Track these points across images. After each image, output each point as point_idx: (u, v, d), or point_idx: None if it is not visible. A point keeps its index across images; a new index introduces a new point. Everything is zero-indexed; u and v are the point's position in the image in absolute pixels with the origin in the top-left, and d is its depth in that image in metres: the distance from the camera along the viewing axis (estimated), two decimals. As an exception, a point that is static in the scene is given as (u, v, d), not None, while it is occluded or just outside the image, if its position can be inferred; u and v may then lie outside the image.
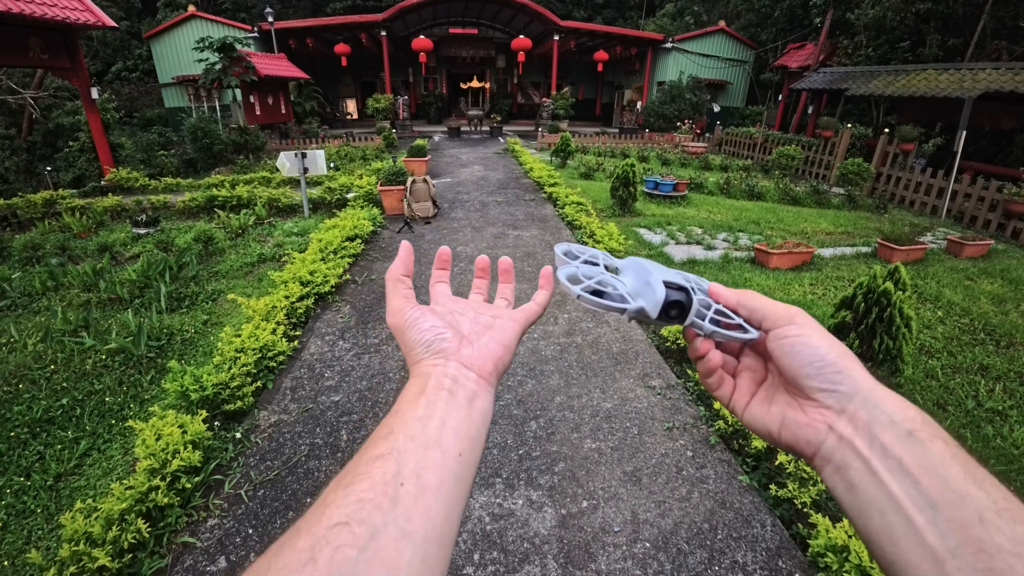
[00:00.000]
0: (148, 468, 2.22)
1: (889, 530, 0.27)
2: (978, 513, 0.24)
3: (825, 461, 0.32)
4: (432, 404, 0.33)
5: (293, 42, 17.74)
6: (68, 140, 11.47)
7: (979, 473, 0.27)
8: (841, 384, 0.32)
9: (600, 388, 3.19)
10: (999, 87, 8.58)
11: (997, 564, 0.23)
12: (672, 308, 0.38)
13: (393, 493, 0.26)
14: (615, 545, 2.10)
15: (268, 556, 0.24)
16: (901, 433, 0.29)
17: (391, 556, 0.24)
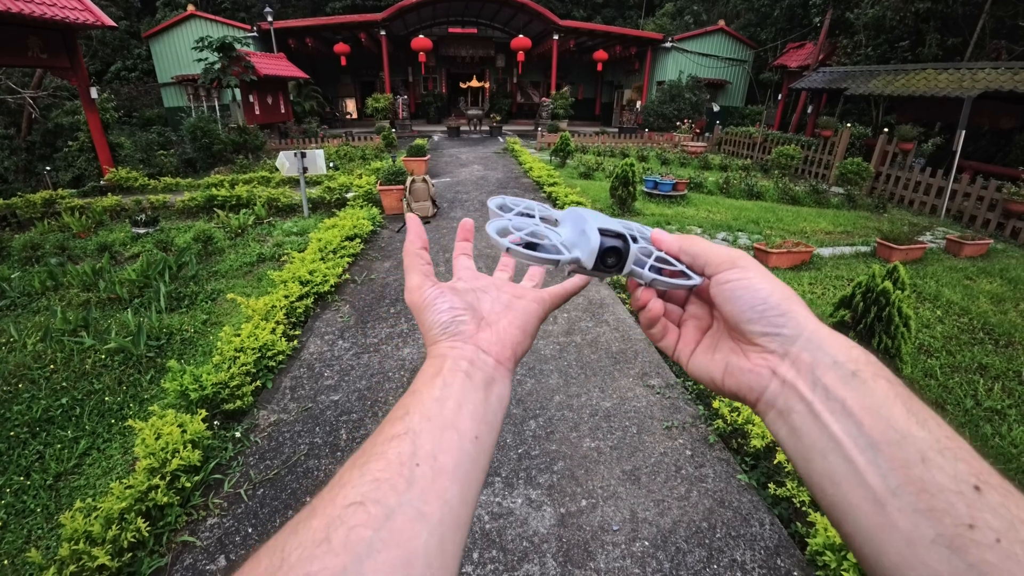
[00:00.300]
0: (148, 467, 2.23)
1: (830, 472, 0.27)
2: (920, 452, 0.24)
3: (768, 406, 0.31)
4: (449, 386, 0.32)
5: (292, 42, 17.74)
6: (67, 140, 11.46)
7: (923, 412, 0.26)
8: (784, 327, 0.31)
9: (599, 387, 3.19)
10: (998, 86, 8.58)
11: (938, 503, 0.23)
12: (609, 256, 0.36)
13: (409, 474, 0.26)
14: (614, 544, 2.10)
15: (283, 534, 0.24)
16: (844, 374, 0.28)
17: (407, 537, 0.24)
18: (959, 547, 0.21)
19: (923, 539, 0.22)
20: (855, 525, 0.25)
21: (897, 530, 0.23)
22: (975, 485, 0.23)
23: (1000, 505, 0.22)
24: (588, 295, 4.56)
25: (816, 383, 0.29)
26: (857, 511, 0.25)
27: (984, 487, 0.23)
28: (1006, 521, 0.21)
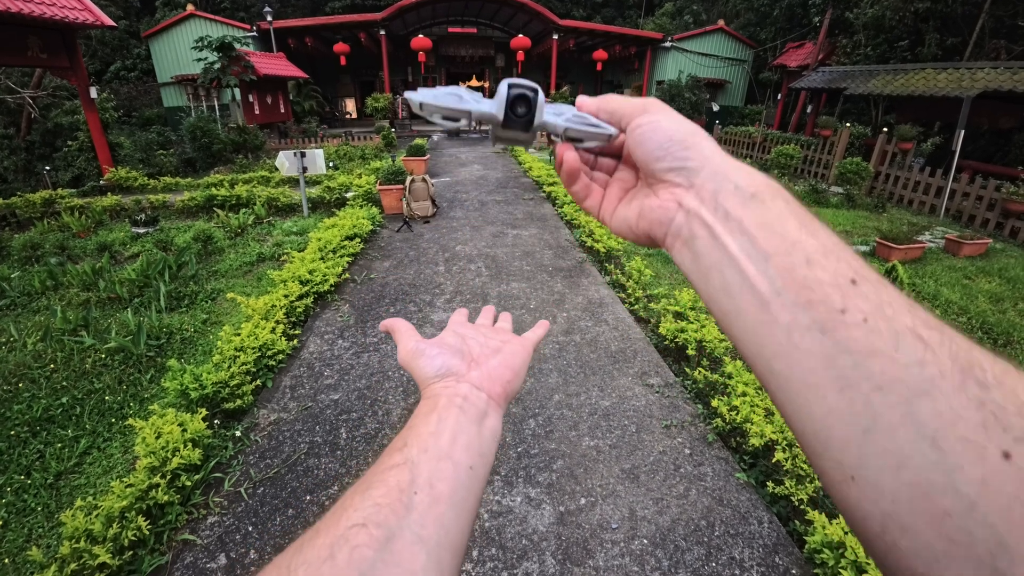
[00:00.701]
0: (148, 466, 2.23)
1: (725, 285, 0.28)
2: (806, 256, 0.26)
3: (675, 238, 0.32)
4: (443, 420, 0.34)
5: (292, 41, 17.73)
6: (67, 139, 11.46)
7: (814, 224, 0.28)
8: (689, 159, 0.32)
9: (598, 386, 3.20)
10: (998, 86, 8.59)
11: (816, 296, 0.24)
12: (518, 105, 0.35)
13: (408, 500, 0.28)
14: (613, 542, 2.11)
15: (289, 553, 0.26)
16: (744, 197, 0.29)
17: (407, 559, 0.25)
18: (830, 329, 0.23)
19: (799, 327, 0.24)
20: (743, 327, 0.27)
21: (778, 324, 0.25)
22: (852, 279, 0.24)
23: (872, 292, 0.24)
24: (588, 295, 4.57)
25: (718, 207, 0.30)
26: (745, 315, 0.27)
27: (860, 280, 0.24)
28: (874, 304, 0.23)
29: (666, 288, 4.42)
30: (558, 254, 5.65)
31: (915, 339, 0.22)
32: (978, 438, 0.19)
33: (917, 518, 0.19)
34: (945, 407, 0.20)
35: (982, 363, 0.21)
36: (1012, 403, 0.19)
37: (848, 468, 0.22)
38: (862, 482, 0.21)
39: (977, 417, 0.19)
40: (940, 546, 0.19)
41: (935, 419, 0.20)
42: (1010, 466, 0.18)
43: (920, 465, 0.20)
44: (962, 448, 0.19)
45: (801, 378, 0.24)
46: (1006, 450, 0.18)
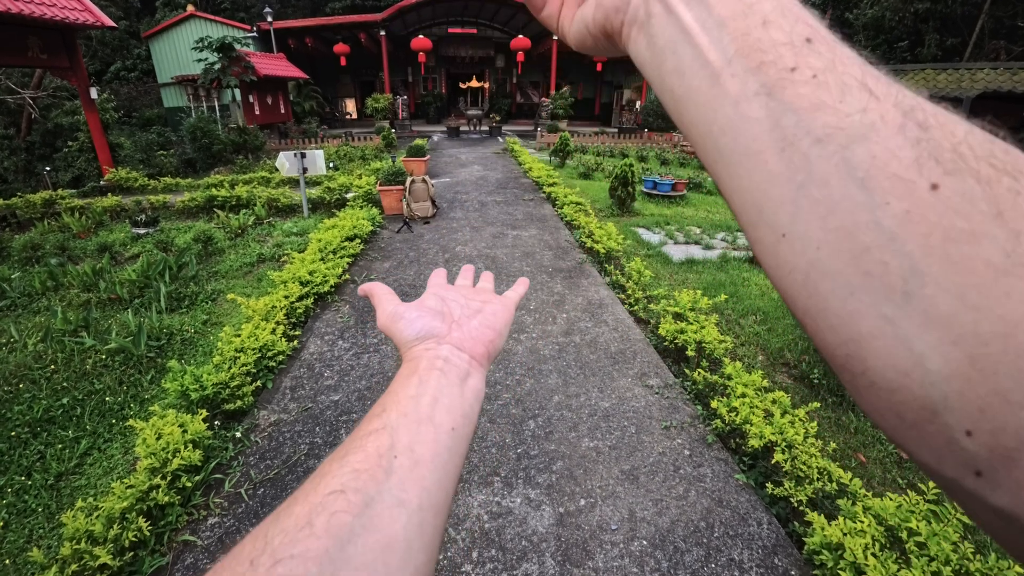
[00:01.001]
0: (149, 467, 2.24)
1: (677, 65, 0.26)
2: (763, 17, 0.24)
3: (632, 25, 0.30)
4: (424, 383, 0.34)
5: (292, 42, 17.75)
6: (67, 140, 11.47)
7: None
8: None
9: (598, 387, 3.20)
10: (997, 87, 8.60)
11: (768, 57, 0.23)
12: None
13: (387, 465, 0.27)
14: (612, 543, 2.12)
15: (266, 522, 0.25)
16: None
17: (386, 522, 0.25)
18: (777, 90, 0.22)
19: (747, 94, 0.23)
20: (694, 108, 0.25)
21: (727, 96, 0.24)
22: (807, 38, 0.23)
23: (826, 50, 0.23)
24: (587, 296, 4.58)
25: None
26: (696, 93, 0.25)
27: (816, 39, 0.23)
28: (826, 61, 0.22)
29: (665, 289, 4.42)
30: (558, 255, 5.65)
31: (862, 89, 0.21)
32: (909, 175, 0.19)
33: (838, 259, 0.20)
34: (880, 149, 0.19)
35: (924, 107, 0.20)
36: (948, 140, 0.19)
37: (780, 227, 0.22)
38: (791, 237, 0.21)
39: (911, 155, 0.19)
40: (856, 280, 0.19)
41: (868, 161, 0.19)
42: (936, 197, 0.18)
43: (847, 208, 0.19)
44: (890, 185, 0.19)
45: (745, 147, 0.23)
46: (934, 183, 0.18)
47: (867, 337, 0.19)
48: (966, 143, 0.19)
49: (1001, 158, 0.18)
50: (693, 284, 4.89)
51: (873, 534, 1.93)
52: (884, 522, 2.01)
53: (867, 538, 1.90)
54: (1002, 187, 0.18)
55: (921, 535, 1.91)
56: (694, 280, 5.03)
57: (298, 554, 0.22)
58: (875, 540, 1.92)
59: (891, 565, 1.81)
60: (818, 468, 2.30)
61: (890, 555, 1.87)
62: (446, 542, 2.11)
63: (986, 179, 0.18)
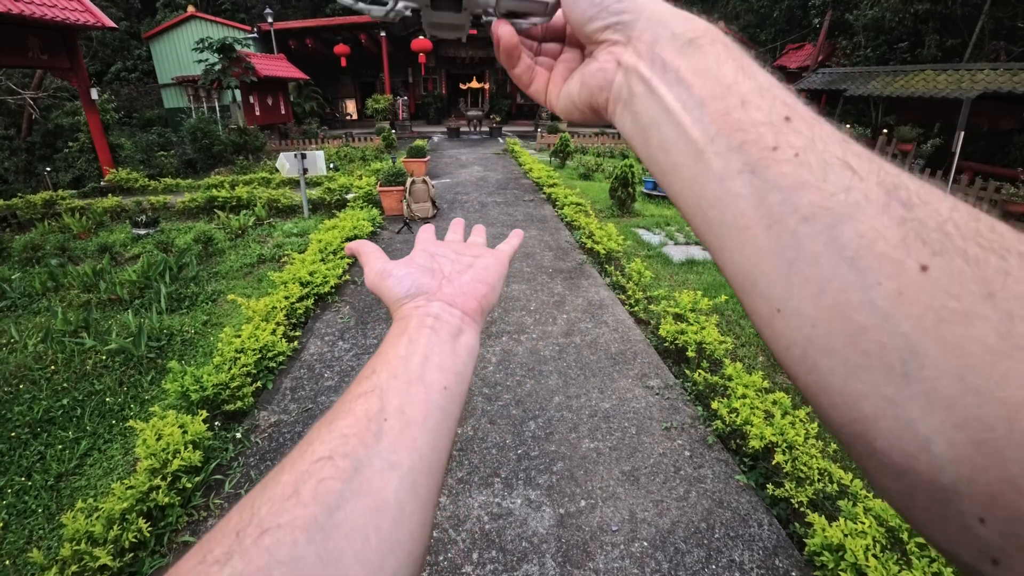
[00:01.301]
0: (149, 468, 2.23)
1: (662, 141, 0.27)
2: (741, 98, 0.25)
3: (616, 102, 0.31)
4: (414, 342, 0.33)
5: (292, 42, 17.76)
6: (67, 140, 11.48)
7: (753, 67, 0.26)
8: (623, 12, 0.30)
9: (598, 388, 3.20)
10: (997, 87, 8.60)
11: (749, 136, 0.24)
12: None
13: (377, 428, 0.26)
14: (613, 544, 2.11)
15: (254, 492, 0.24)
16: (682, 44, 0.28)
17: (377, 486, 0.24)
18: (761, 168, 0.23)
19: (731, 171, 0.24)
20: (680, 181, 0.27)
21: (711, 171, 0.25)
22: (786, 116, 0.24)
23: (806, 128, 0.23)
24: (588, 297, 4.58)
25: (655, 59, 0.28)
26: (682, 168, 0.26)
27: (795, 118, 0.24)
28: (806, 139, 0.23)
29: (666, 290, 4.42)
30: (558, 256, 5.65)
31: (844, 168, 0.22)
32: (898, 254, 0.19)
33: (835, 338, 0.20)
34: (867, 228, 0.20)
35: (908, 185, 0.21)
36: (933, 220, 0.19)
37: (775, 301, 0.22)
38: (787, 312, 0.22)
39: (898, 235, 0.19)
40: (855, 359, 0.19)
41: (856, 240, 0.20)
42: (926, 278, 0.18)
43: (839, 287, 0.20)
44: (880, 265, 0.19)
45: (733, 222, 0.24)
46: (924, 263, 0.18)
47: (871, 418, 0.19)
48: (951, 221, 0.19)
49: (987, 237, 0.19)
50: (693, 285, 4.89)
51: (874, 535, 1.93)
52: (885, 523, 2.00)
53: (868, 539, 1.90)
54: (991, 267, 0.18)
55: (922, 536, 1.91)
56: (694, 281, 5.03)
57: (285, 523, 0.22)
58: (876, 541, 1.92)
59: (892, 566, 1.80)
60: (819, 469, 2.30)
61: (891, 556, 1.87)
62: (446, 543, 2.11)
63: (974, 259, 0.18)
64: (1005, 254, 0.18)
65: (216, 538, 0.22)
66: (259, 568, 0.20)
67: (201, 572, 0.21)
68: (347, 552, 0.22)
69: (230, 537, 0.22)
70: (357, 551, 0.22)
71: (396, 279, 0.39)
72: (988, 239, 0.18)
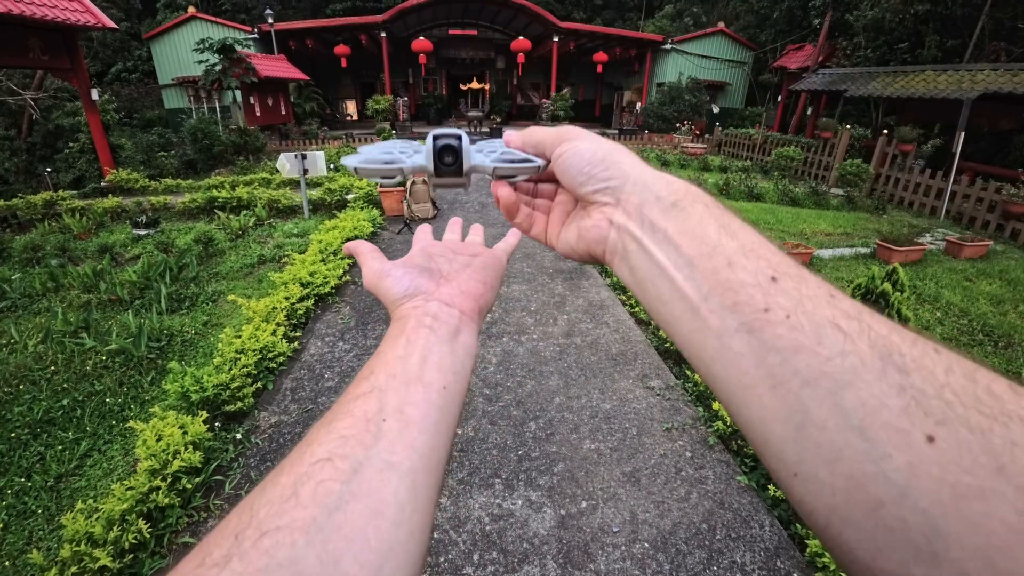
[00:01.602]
0: (149, 469, 2.23)
1: (659, 295, 0.29)
2: (727, 259, 0.26)
3: (613, 255, 0.33)
4: (412, 343, 0.33)
5: (293, 43, 17.76)
6: (68, 141, 11.48)
7: (734, 225, 0.28)
8: (611, 178, 0.33)
9: (599, 389, 3.19)
10: (998, 88, 8.60)
11: (740, 297, 0.25)
12: (445, 155, 0.37)
13: (375, 429, 0.26)
14: (614, 545, 2.11)
15: (253, 495, 0.24)
16: (666, 206, 0.30)
17: (376, 487, 0.24)
18: (756, 329, 0.24)
19: (728, 330, 0.25)
20: (681, 333, 0.28)
21: (709, 328, 0.26)
22: (772, 276, 0.25)
23: (793, 288, 0.25)
24: (588, 297, 4.57)
25: (643, 220, 0.31)
26: (680, 322, 0.28)
27: (780, 277, 0.25)
28: (795, 300, 0.24)
29: (667, 290, 4.42)
30: (558, 256, 5.64)
31: (835, 330, 0.22)
32: (902, 424, 0.19)
33: (855, 509, 0.20)
34: (868, 396, 0.20)
35: (900, 348, 0.21)
36: (931, 386, 0.20)
37: (790, 465, 0.22)
38: (803, 478, 0.22)
39: (899, 403, 0.20)
40: (880, 535, 0.19)
41: (860, 409, 0.20)
42: (935, 450, 0.18)
43: (852, 457, 0.20)
44: (887, 435, 0.19)
45: (737, 379, 0.24)
46: (929, 434, 0.19)
47: None
48: (949, 387, 0.19)
49: (987, 402, 0.19)
50: (694, 285, 4.88)
51: (876, 536, 1.92)
52: (887, 524, 2.00)
53: (870, 541, 1.89)
54: (996, 436, 0.18)
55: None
56: (695, 281, 5.03)
57: (284, 525, 0.22)
58: (878, 543, 1.91)
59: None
60: (820, 470, 2.29)
61: (893, 558, 1.86)
62: (447, 544, 2.10)
63: (979, 428, 0.18)
64: (1008, 421, 0.18)
65: (215, 541, 0.22)
66: (258, 570, 0.20)
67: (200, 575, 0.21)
68: (346, 554, 0.22)
69: (229, 540, 0.22)
70: (356, 552, 0.22)
71: (394, 279, 0.39)
72: (988, 405, 0.19)
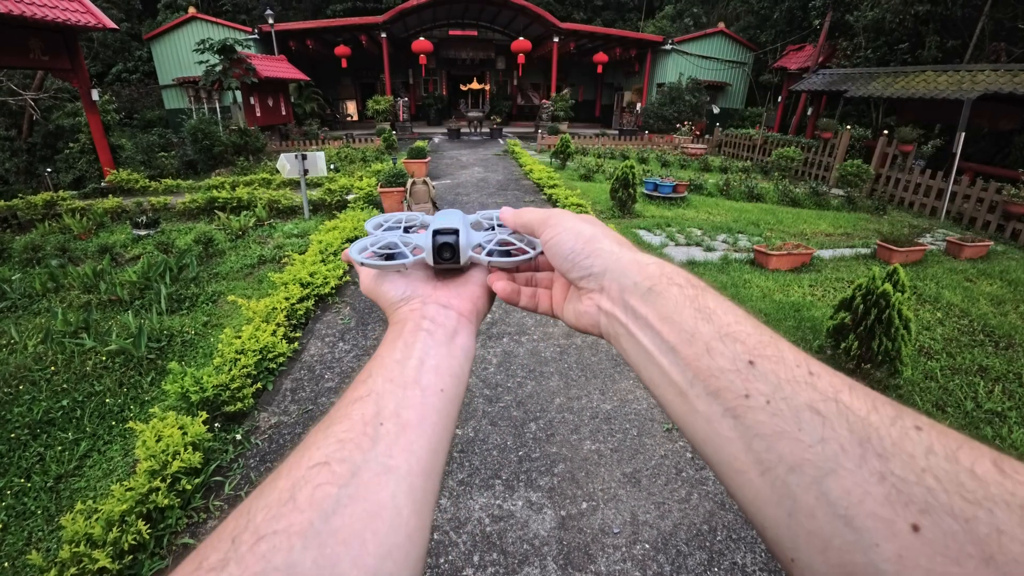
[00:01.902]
0: (148, 469, 2.23)
1: (651, 378, 0.30)
2: (706, 345, 0.27)
3: (608, 336, 0.34)
4: (410, 346, 0.33)
5: (293, 44, 17.77)
6: (68, 141, 11.49)
7: (710, 305, 0.29)
8: (592, 267, 0.34)
9: (599, 390, 3.19)
10: (998, 88, 8.60)
11: (722, 383, 0.25)
12: (444, 251, 0.39)
13: (373, 432, 0.27)
14: (615, 546, 2.10)
15: (250, 499, 0.24)
16: (643, 292, 0.31)
17: (373, 490, 0.24)
18: (740, 414, 0.24)
19: (715, 415, 0.25)
20: (675, 415, 0.29)
21: (698, 413, 0.26)
22: (749, 361, 0.26)
23: (771, 371, 0.25)
24: (588, 297, 4.57)
25: (627, 307, 0.32)
26: (672, 404, 0.28)
27: (757, 360, 0.26)
28: (773, 385, 0.24)
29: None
30: (559, 256, 5.64)
31: (813, 415, 0.22)
32: (886, 513, 0.19)
33: None
34: (852, 484, 0.20)
35: (879, 430, 0.21)
36: (911, 472, 0.20)
37: (787, 551, 0.22)
38: (800, 564, 0.22)
39: (881, 491, 0.20)
40: None
41: (845, 497, 0.20)
42: (920, 539, 0.18)
43: (842, 546, 0.20)
44: (874, 524, 0.19)
45: (729, 464, 0.25)
46: (914, 523, 0.19)
47: None
48: (930, 472, 0.19)
49: (971, 487, 0.19)
50: (694, 286, 4.88)
51: (877, 538, 1.92)
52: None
53: (871, 542, 1.89)
54: (982, 524, 0.18)
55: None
56: (695, 282, 5.02)
57: (281, 529, 0.22)
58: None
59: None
60: (821, 471, 2.29)
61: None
62: (447, 545, 2.10)
63: (963, 516, 0.18)
64: (992, 507, 0.18)
65: (212, 544, 0.22)
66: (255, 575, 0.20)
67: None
68: (344, 557, 0.22)
69: (226, 543, 0.22)
70: (354, 556, 0.22)
71: (391, 282, 0.39)
72: (971, 489, 0.19)
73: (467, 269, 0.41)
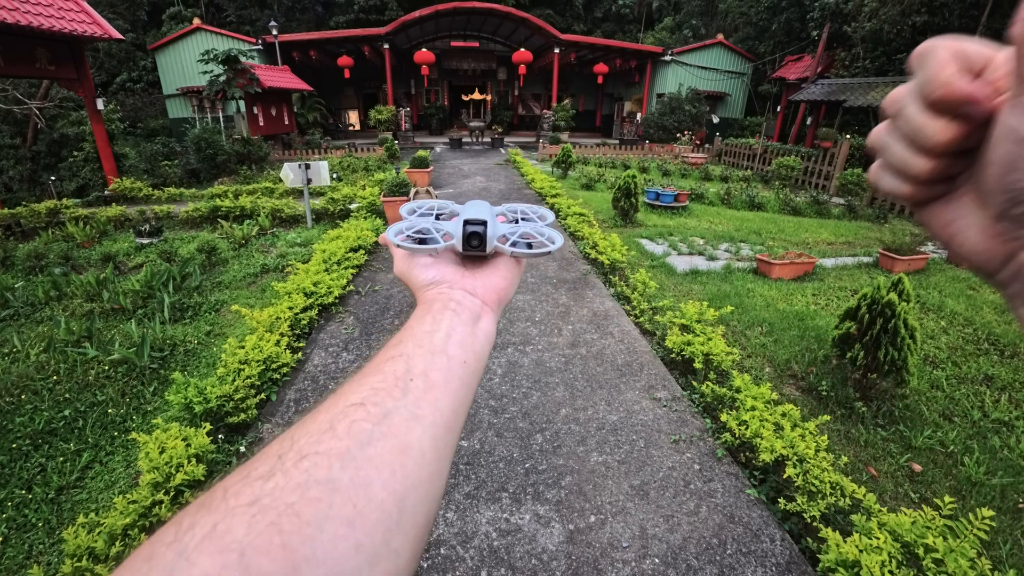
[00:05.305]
0: (151, 482, 2.20)
1: None
2: None
3: None
4: (438, 321, 0.36)
5: (296, 54, 17.93)
6: (72, 150, 11.55)
7: None
8: None
9: (606, 400, 3.17)
10: (996, 99, 8.64)
11: None
12: (473, 240, 0.41)
13: (404, 385, 0.30)
14: (624, 561, 2.08)
15: (293, 428, 0.27)
16: None
17: (402, 432, 0.27)
18: None
19: None
20: None
21: None
22: None
23: None
24: (593, 307, 4.56)
25: None
26: None
27: None
28: None
29: (671, 300, 4.40)
30: (562, 266, 5.64)
31: None
32: None
33: None
34: None
35: None
36: None
37: None
38: None
39: None
40: None
41: None
42: None
43: None
44: None
45: None
46: None
47: None
48: None
49: None
50: (698, 295, 4.87)
51: (890, 551, 1.89)
52: (900, 538, 1.97)
53: (884, 555, 1.86)
54: None
55: (938, 551, 1.87)
56: (699, 291, 5.02)
57: (323, 451, 0.25)
58: (892, 557, 1.88)
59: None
60: (830, 483, 2.26)
61: (908, 572, 1.83)
62: (454, 560, 2.07)
63: None
64: None
65: (260, 459, 0.25)
66: (299, 484, 0.23)
67: (246, 485, 0.23)
68: (376, 480, 0.25)
69: (272, 459, 0.25)
70: (385, 480, 0.25)
71: (423, 267, 0.42)
72: None
73: (491, 258, 0.44)
